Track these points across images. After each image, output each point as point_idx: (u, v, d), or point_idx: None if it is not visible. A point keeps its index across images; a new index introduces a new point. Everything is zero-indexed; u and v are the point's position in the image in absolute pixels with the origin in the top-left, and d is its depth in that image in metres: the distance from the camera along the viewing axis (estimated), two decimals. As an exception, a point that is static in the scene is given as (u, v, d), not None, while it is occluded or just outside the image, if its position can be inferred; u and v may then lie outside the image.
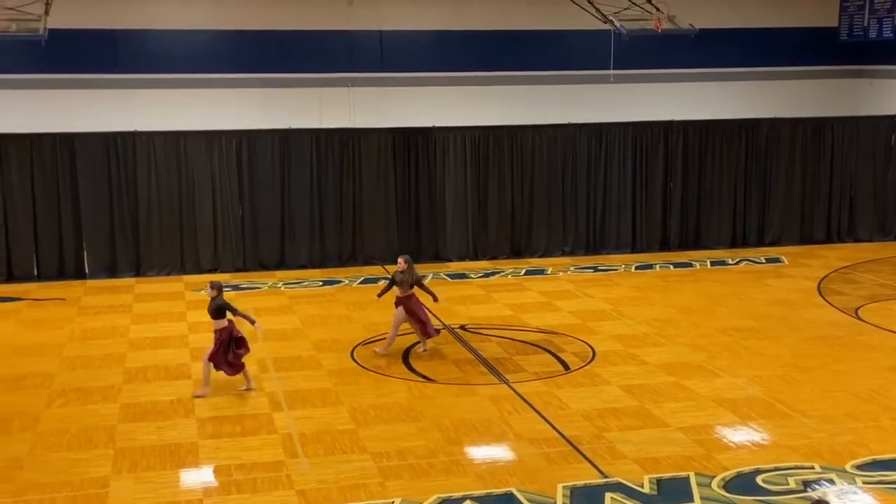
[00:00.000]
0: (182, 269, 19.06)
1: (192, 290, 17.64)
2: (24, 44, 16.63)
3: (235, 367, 11.96)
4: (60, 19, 16.12)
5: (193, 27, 19.23)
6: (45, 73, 18.34)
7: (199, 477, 9.55)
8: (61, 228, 18.61)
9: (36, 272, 18.62)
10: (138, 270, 18.95)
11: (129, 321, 15.52)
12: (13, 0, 14.95)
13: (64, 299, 17.05)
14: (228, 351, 11.91)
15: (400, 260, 13.58)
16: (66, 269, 18.71)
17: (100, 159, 18.58)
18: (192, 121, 19.07)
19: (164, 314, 15.98)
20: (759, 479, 9.33)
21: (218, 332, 11.90)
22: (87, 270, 18.78)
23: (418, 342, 13.76)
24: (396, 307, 13.51)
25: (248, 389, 12.01)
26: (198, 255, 19.22)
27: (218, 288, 12.03)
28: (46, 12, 15.23)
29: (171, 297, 17.15)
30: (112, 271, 18.83)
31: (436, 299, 13.71)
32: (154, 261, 19.03)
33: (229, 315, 11.90)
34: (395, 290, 13.57)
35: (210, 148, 19.00)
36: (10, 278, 18.41)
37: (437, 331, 13.90)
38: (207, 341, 14.10)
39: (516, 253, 20.52)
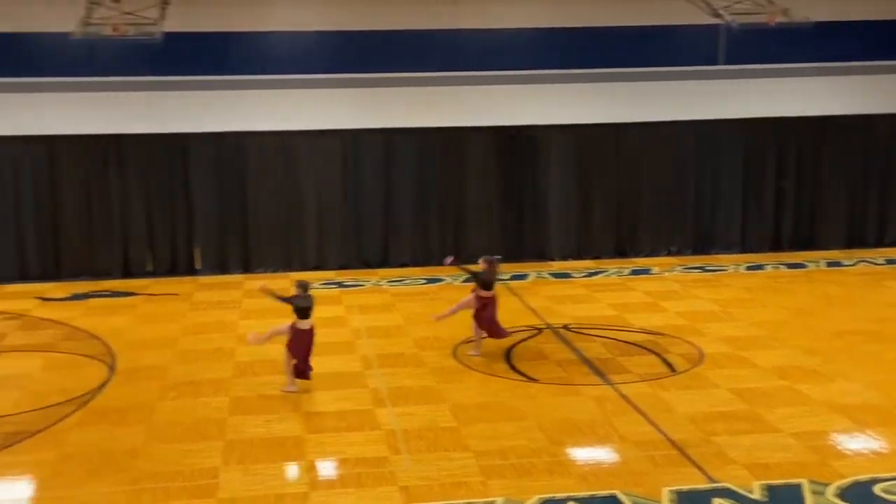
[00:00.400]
0: (289, 267, 19.44)
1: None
2: (141, 47, 17.18)
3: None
4: (175, 23, 16.59)
5: (302, 28, 19.55)
6: (159, 75, 18.91)
7: (305, 470, 9.69)
8: (175, 226, 19.22)
9: (151, 268, 19.26)
10: (247, 267, 19.41)
11: (238, 316, 15.89)
12: (130, 5, 15.45)
13: (177, 295, 17.58)
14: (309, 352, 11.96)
15: (480, 261, 13.50)
16: (178, 265, 19.30)
17: (211, 159, 19.13)
18: (300, 121, 19.42)
19: (271, 310, 16.23)
20: (877, 489, 8.96)
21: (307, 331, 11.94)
22: (198, 267, 19.34)
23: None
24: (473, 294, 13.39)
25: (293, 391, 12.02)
26: (303, 253, 19.58)
27: (303, 287, 12.02)
28: (162, 16, 15.69)
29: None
30: (222, 268, 19.34)
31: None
32: (262, 258, 19.47)
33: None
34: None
35: (316, 147, 19.35)
36: (128, 274, 19.10)
37: (507, 333, 13.66)
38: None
39: (621, 252, 20.26)
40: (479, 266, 13.56)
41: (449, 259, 14.19)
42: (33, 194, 18.73)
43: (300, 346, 11.96)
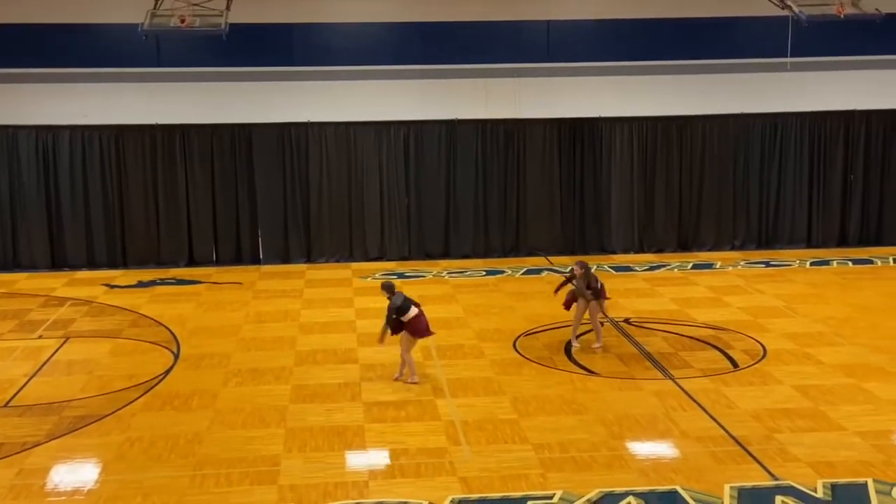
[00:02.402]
0: (350, 257, 19.61)
1: (359, 278, 18.10)
2: (207, 38, 17.44)
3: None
4: (240, 14, 16.80)
5: (364, 20, 19.66)
6: (225, 66, 19.17)
7: (364, 459, 9.77)
8: (238, 216, 19.49)
9: (215, 257, 19.57)
10: (309, 257, 19.61)
11: (300, 306, 16.06)
12: (197, -3, 15.69)
13: (240, 283, 17.83)
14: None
15: (574, 267, 13.33)
16: (242, 254, 19.57)
17: (274, 150, 19.35)
18: (362, 112, 19.55)
19: (332, 300, 16.46)
20: (945, 490, 8.76)
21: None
22: (261, 256, 19.59)
23: (583, 334, 13.60)
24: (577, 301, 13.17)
25: (402, 379, 12.12)
26: (365, 244, 19.72)
27: (388, 288, 12.08)
28: (228, 7, 15.89)
29: (340, 284, 17.66)
30: (285, 258, 19.56)
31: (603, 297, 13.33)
32: (324, 248, 19.65)
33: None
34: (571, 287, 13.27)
35: (378, 138, 19.47)
36: (192, 262, 19.43)
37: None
38: (374, 327, 14.46)
39: (683, 246, 20.04)
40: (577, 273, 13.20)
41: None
42: (101, 183, 19.14)
43: (418, 328, 11.97)
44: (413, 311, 11.90)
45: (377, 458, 9.79)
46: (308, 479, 9.24)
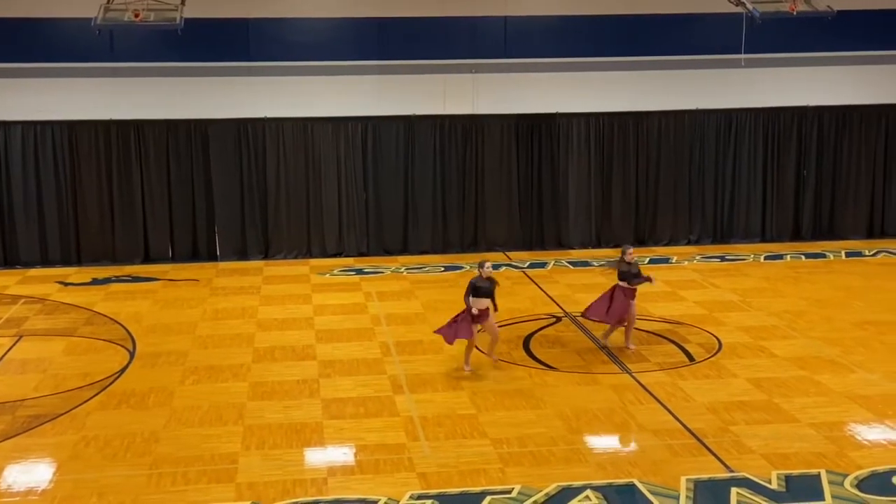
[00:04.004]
0: (308, 253, 19.53)
1: (317, 274, 18.03)
2: (162, 33, 17.26)
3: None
4: (195, 9, 16.63)
5: (321, 15, 19.56)
6: (180, 61, 18.98)
7: (323, 456, 9.75)
8: (195, 212, 19.32)
9: (171, 254, 19.38)
10: (266, 253, 19.50)
11: (258, 302, 15.97)
12: (152, -9, 15.51)
13: (197, 280, 17.68)
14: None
15: (631, 250, 13.12)
16: (199, 251, 19.41)
17: (231, 145, 19.21)
18: (319, 107, 19.46)
19: (290, 296, 16.38)
20: (895, 480, 8.92)
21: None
22: (218, 253, 19.44)
23: (540, 330, 13.67)
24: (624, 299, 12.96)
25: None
26: (323, 240, 19.65)
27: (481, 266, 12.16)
28: (183, 2, 15.73)
29: (298, 280, 17.58)
30: (242, 254, 19.43)
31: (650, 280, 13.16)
32: (281, 244, 19.55)
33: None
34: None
35: (336, 134, 19.41)
36: (148, 259, 19.23)
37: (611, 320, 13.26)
38: (332, 323, 14.45)
39: (640, 241, 20.21)
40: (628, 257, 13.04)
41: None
42: (54, 179, 18.87)
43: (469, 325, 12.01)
44: (483, 304, 11.92)
45: (336, 454, 9.77)
46: (266, 476, 9.19)
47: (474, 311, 11.96)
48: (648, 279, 13.04)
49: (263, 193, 19.41)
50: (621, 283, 12.96)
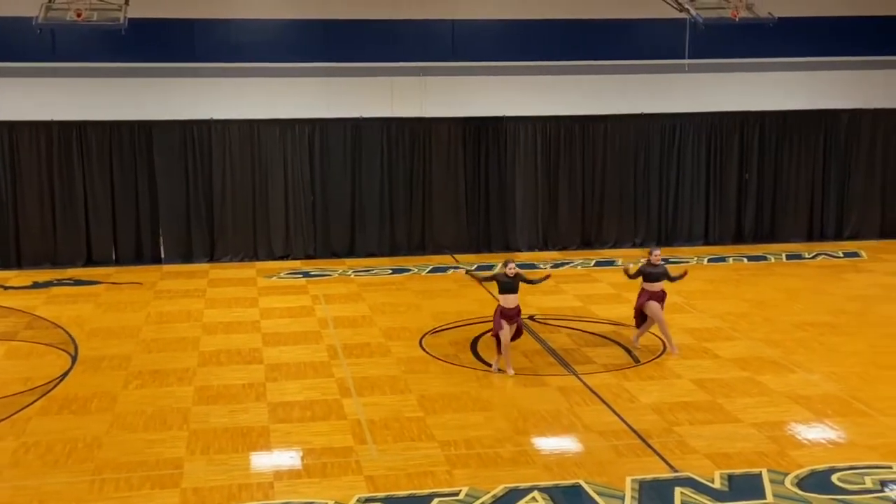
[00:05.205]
0: (255, 256, 19.38)
1: (264, 277, 17.91)
2: (105, 33, 17.01)
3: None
4: (139, 9, 16.42)
5: (269, 16, 19.44)
6: (124, 62, 18.72)
7: (269, 460, 9.68)
8: (139, 214, 19.06)
9: (114, 257, 19.10)
10: (212, 256, 19.31)
11: (203, 306, 15.81)
12: (95, -10, 15.28)
13: (141, 283, 17.45)
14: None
15: (658, 252, 13.19)
16: (143, 253, 19.15)
17: (176, 147, 18.99)
18: (266, 109, 19.33)
19: (236, 299, 16.25)
20: (834, 478, 9.11)
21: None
22: (162, 255, 19.20)
23: (485, 333, 13.69)
24: (647, 300, 13.01)
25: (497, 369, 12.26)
26: (270, 242, 19.52)
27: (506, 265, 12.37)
28: (126, 2, 15.52)
29: (244, 283, 17.44)
30: (187, 257, 19.22)
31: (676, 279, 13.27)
32: (227, 247, 19.38)
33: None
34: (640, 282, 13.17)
35: (283, 136, 19.30)
36: (90, 262, 18.93)
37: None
38: (279, 326, 14.37)
39: (586, 243, 20.39)
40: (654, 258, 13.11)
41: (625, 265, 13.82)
42: (-6, 181, 18.49)
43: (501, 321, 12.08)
44: (511, 301, 12.16)
45: (282, 458, 9.71)
46: (211, 481, 9.10)
47: (503, 304, 12.15)
48: (684, 274, 13.25)
49: (209, 195, 19.22)
50: (648, 286, 12.99)
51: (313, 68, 19.59)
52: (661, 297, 13.10)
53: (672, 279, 13.21)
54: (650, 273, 13.07)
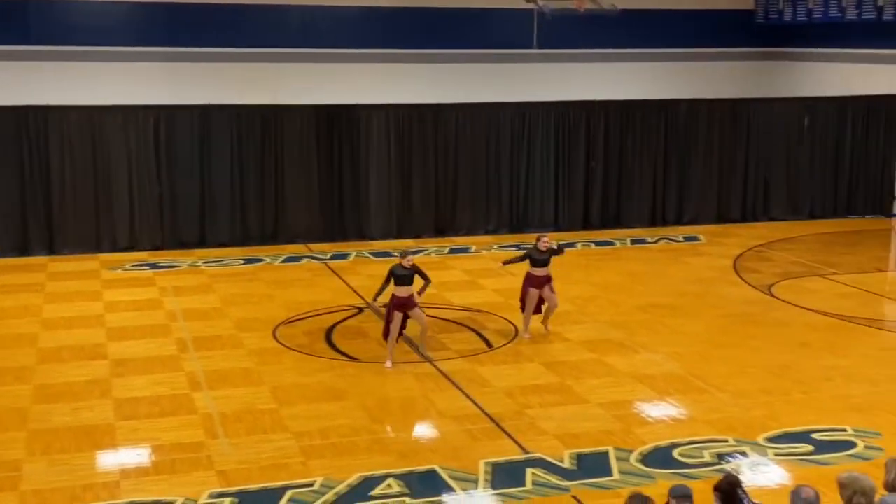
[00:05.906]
0: (97, 248, 18.60)
1: (108, 269, 17.25)
2: None
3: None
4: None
5: (110, -2, 18.75)
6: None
7: (115, 458, 9.37)
8: (-30, 205, 18.02)
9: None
10: (51, 248, 18.44)
11: (42, 300, 15.10)
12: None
13: (-27, 278, 16.53)
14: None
15: (546, 238, 13.31)
16: (-25, 246, 18.13)
17: (10, 134, 17.99)
18: (108, 95, 18.58)
19: (78, 293, 15.60)
20: (675, 453, 9.52)
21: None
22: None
23: (347, 319, 13.67)
24: (530, 287, 13.15)
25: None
26: (114, 233, 18.78)
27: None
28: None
29: (86, 276, 16.75)
30: (23, 250, 18.30)
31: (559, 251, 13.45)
32: (68, 239, 18.53)
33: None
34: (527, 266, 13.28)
35: (126, 123, 18.55)
36: (-84, 256, 17.79)
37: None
38: (125, 320, 13.90)
39: (440, 231, 20.53)
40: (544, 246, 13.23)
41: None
42: None
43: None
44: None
45: (129, 456, 9.42)
46: (53, 482, 8.74)
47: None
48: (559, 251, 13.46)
49: (46, 185, 18.31)
50: (534, 271, 13.15)
51: (159, 53, 19.02)
52: (546, 280, 13.31)
53: (558, 252, 13.42)
54: (537, 259, 13.27)
